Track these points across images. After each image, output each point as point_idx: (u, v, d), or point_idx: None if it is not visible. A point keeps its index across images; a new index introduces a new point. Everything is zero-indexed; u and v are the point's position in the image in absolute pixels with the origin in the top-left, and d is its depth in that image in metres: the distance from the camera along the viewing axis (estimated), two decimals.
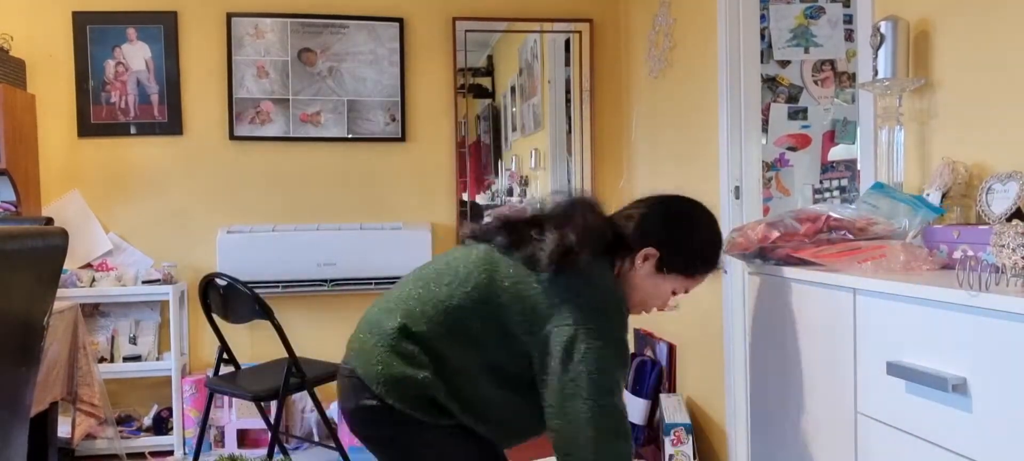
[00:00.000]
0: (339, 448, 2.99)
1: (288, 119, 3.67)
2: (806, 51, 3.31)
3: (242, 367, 3.14)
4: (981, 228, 1.40)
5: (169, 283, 3.41)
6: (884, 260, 1.41)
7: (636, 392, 3.35)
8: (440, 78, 3.78)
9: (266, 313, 2.76)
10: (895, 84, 1.74)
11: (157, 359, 3.51)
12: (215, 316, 2.99)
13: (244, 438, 3.46)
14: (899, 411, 1.27)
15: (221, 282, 2.83)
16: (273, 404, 3.33)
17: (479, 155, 3.84)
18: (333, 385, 3.55)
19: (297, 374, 2.79)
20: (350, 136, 3.71)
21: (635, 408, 3.33)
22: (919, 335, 1.22)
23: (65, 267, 2.75)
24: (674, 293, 1.68)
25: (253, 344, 3.59)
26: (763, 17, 3.22)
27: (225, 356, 3.05)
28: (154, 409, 3.51)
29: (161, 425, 3.47)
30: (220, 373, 3.05)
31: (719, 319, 2.83)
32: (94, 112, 3.54)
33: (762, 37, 3.18)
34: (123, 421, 3.50)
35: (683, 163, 3.18)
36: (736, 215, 2.72)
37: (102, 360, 3.43)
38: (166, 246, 3.60)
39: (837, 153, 3.34)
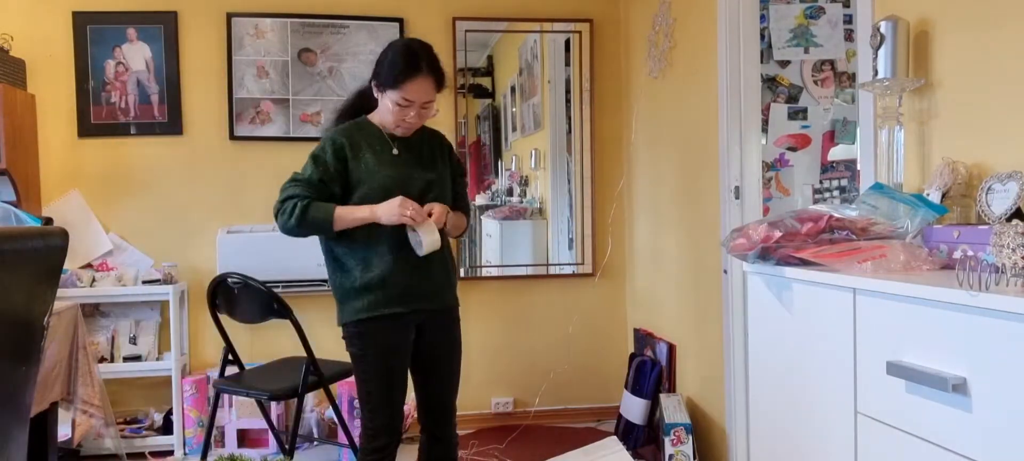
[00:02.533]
0: (352, 444, 3.02)
1: (288, 119, 3.67)
2: (806, 51, 3.31)
3: (245, 367, 3.14)
4: (981, 228, 1.41)
5: (169, 283, 3.41)
6: (884, 260, 1.41)
7: (636, 392, 3.35)
8: None
9: (285, 311, 2.76)
10: (895, 84, 1.74)
11: (157, 359, 3.51)
12: (221, 316, 2.98)
13: (244, 438, 3.46)
14: (899, 411, 1.27)
15: (234, 282, 2.82)
16: (273, 404, 3.35)
17: (479, 155, 3.84)
18: (331, 387, 3.52)
19: (315, 372, 2.79)
20: None
21: (635, 408, 3.33)
22: (919, 335, 1.22)
23: (65, 267, 2.76)
24: (400, 107, 2.11)
25: (253, 345, 3.59)
26: (763, 17, 3.22)
27: (229, 357, 3.04)
28: (165, 409, 3.51)
29: (171, 425, 3.47)
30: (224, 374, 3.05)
31: (719, 319, 2.83)
32: (94, 112, 3.54)
33: (762, 37, 3.18)
34: (132, 422, 3.51)
35: (683, 163, 3.18)
36: (736, 215, 2.72)
37: (102, 360, 3.43)
38: (166, 246, 3.60)
39: (837, 153, 3.34)
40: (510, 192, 3.86)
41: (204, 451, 3.00)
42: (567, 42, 3.87)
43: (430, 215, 2.11)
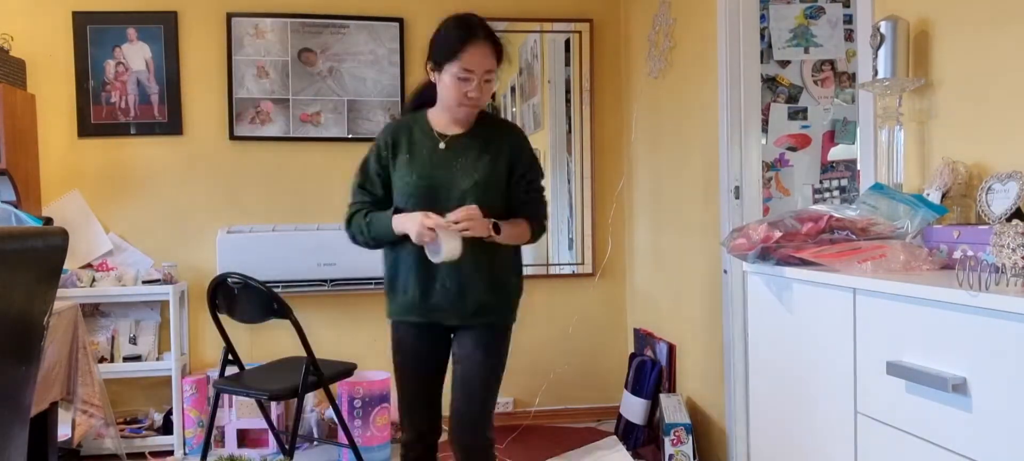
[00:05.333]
0: (352, 444, 3.01)
1: (288, 119, 3.67)
2: (806, 51, 3.31)
3: (245, 367, 3.13)
4: (981, 228, 1.41)
5: (169, 283, 3.40)
6: (884, 260, 1.41)
7: (636, 392, 3.35)
8: None
9: (285, 311, 2.76)
10: (895, 84, 1.74)
11: (157, 359, 3.51)
12: (221, 316, 2.98)
13: (244, 438, 3.46)
14: (899, 411, 1.27)
15: (234, 281, 2.81)
16: (273, 404, 3.35)
17: None
18: (332, 387, 3.51)
19: (315, 372, 2.79)
20: (350, 136, 3.71)
21: (635, 408, 3.34)
22: (919, 335, 1.22)
23: (65, 267, 2.76)
24: (461, 81, 1.99)
25: (253, 345, 3.59)
26: (763, 17, 3.22)
27: (230, 357, 3.04)
28: (165, 409, 3.51)
29: (171, 425, 3.46)
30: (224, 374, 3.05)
31: (719, 319, 2.83)
32: (94, 112, 3.54)
33: (762, 37, 3.18)
34: (132, 422, 3.50)
35: (683, 163, 3.18)
36: (736, 215, 2.72)
37: (102, 360, 3.43)
38: (166, 246, 3.60)
39: (837, 153, 3.34)
40: None
41: (204, 451, 3.00)
42: (567, 42, 3.87)
43: (457, 222, 1.93)
